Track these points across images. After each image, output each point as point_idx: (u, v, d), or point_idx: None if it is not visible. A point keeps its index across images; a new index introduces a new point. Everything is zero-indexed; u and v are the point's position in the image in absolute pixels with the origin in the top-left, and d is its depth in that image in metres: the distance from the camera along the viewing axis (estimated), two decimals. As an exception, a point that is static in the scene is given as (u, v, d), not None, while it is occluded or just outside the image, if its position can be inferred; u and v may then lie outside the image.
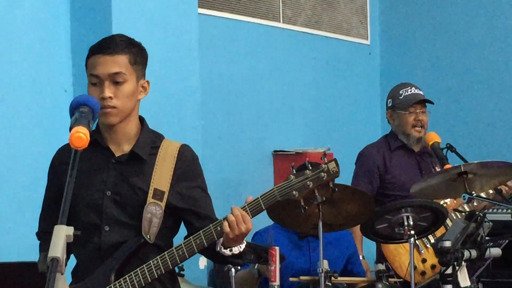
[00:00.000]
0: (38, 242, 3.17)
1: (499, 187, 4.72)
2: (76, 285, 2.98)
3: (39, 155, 3.89)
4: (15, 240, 4.39)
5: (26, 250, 3.20)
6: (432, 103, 5.05)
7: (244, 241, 2.98)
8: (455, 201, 4.76)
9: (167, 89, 4.88)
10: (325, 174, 2.94)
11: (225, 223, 2.88)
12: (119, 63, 2.94)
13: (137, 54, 3.01)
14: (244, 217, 2.88)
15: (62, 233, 2.15)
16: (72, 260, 3.07)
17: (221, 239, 2.92)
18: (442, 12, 6.91)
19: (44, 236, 3.11)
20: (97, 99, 2.67)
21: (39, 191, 3.21)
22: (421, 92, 5.03)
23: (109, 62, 2.93)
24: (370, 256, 5.09)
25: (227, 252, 2.95)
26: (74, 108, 2.52)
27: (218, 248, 2.95)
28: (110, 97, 2.92)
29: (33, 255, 3.12)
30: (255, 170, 5.97)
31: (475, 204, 4.69)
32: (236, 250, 2.96)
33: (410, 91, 5.01)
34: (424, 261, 4.62)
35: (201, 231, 2.91)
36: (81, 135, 2.30)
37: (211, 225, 2.91)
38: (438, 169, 5.00)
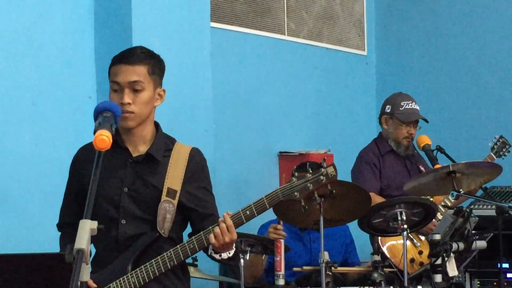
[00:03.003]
0: (59, 233, 3.18)
1: (484, 185, 4.72)
2: (97, 274, 2.99)
3: (66, 155, 3.86)
4: (45, 233, 4.39)
5: (56, 243, 3.20)
6: (427, 121, 5.06)
7: (234, 247, 2.99)
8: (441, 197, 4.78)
9: (182, 96, 4.88)
10: (324, 177, 2.95)
11: (211, 235, 2.90)
12: (138, 72, 2.97)
13: (155, 65, 3.03)
14: (229, 228, 2.89)
15: (87, 227, 2.16)
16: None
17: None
18: (435, 25, 6.91)
19: (65, 228, 3.13)
20: (118, 105, 2.68)
21: (58, 186, 3.21)
22: (418, 108, 5.05)
23: (129, 71, 2.96)
24: (366, 248, 5.08)
25: (217, 257, 3.00)
26: (98, 113, 2.53)
27: (209, 252, 2.99)
28: (129, 103, 2.95)
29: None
30: (262, 170, 5.97)
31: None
32: (225, 256, 2.99)
33: (410, 106, 5.02)
34: (420, 253, 4.62)
35: (211, 227, 2.93)
36: (105, 138, 2.31)
37: (202, 233, 2.94)
38: (423, 170, 5.01)
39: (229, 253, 2.99)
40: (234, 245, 2.99)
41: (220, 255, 2.98)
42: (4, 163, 4.45)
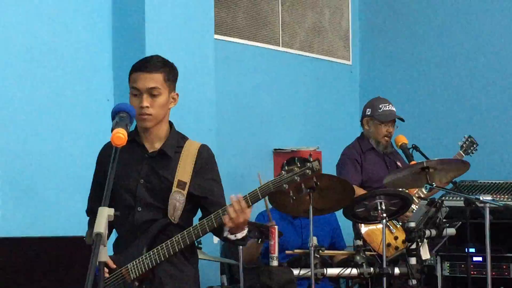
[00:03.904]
0: (86, 219, 3.18)
1: (454, 179, 4.73)
2: (116, 256, 2.99)
3: (87, 151, 3.89)
4: (67, 218, 4.40)
5: (76, 227, 3.21)
6: (403, 120, 5.06)
7: (246, 227, 2.95)
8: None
9: (190, 99, 4.88)
10: (309, 171, 2.89)
11: (226, 217, 2.85)
12: (155, 79, 2.96)
13: (170, 72, 3.01)
14: (244, 209, 2.85)
15: (105, 213, 2.16)
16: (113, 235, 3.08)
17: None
18: (413, 38, 6.94)
19: (91, 213, 3.13)
20: (133, 107, 2.68)
21: (85, 180, 3.22)
22: (394, 109, 5.05)
23: (147, 79, 2.95)
24: (350, 234, 5.07)
25: (232, 237, 2.94)
26: (115, 113, 2.53)
27: (225, 234, 2.94)
28: (147, 107, 2.94)
29: (81, 231, 3.13)
30: (258, 164, 5.97)
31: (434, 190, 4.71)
32: (240, 235, 2.94)
33: (387, 108, 5.02)
34: (396, 238, 4.62)
35: (212, 215, 2.90)
36: (121, 135, 2.32)
37: (219, 210, 2.91)
38: (400, 165, 5.02)
39: (243, 233, 2.94)
40: (246, 226, 2.95)
41: (235, 236, 2.94)
42: (32, 158, 4.45)
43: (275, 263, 4.00)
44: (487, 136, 6.14)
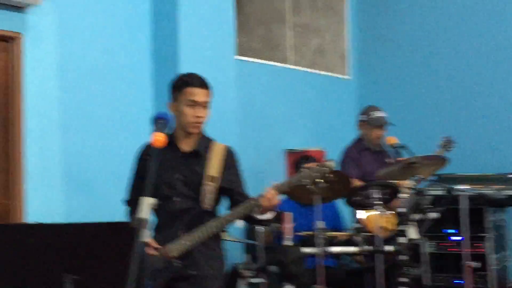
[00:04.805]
0: (126, 207, 3.14)
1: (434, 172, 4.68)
2: (157, 237, 2.97)
3: (130, 151, 3.89)
4: (116, 208, 4.39)
5: (122, 213, 3.19)
6: (393, 124, 5.05)
7: (273, 212, 2.95)
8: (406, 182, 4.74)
9: (216, 110, 4.81)
10: (326, 168, 2.95)
11: (263, 199, 2.85)
12: (208, 95, 3.00)
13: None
14: (274, 196, 2.87)
15: (148, 202, 2.15)
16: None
17: (258, 210, 2.90)
18: (399, 59, 6.90)
19: (132, 202, 3.10)
20: (168, 115, 2.65)
21: (127, 173, 3.20)
22: (384, 115, 5.02)
23: (204, 94, 2.97)
24: (350, 218, 5.02)
25: (261, 217, 2.93)
26: (155, 120, 2.52)
27: (255, 215, 2.92)
28: (202, 117, 2.94)
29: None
30: (273, 162, 5.96)
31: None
32: (270, 216, 2.94)
33: (379, 114, 5.02)
34: (388, 222, 4.57)
35: (242, 205, 2.89)
36: (160, 138, 2.31)
37: (250, 200, 2.89)
38: (388, 161, 4.98)
39: (272, 214, 2.95)
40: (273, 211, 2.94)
41: (265, 216, 2.93)
42: (89, 157, 4.47)
43: (288, 243, 3.98)
44: (463, 136, 6.07)
